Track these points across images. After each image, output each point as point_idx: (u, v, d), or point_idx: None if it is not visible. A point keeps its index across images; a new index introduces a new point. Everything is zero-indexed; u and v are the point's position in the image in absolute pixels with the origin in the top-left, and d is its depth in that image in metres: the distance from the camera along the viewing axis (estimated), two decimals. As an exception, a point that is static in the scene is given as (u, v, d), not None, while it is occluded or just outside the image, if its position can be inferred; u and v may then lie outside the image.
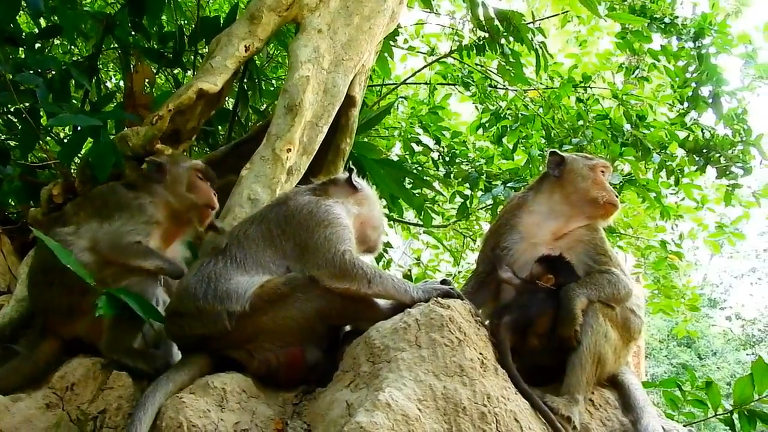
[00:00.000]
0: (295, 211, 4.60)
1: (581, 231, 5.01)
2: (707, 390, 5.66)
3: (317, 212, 4.57)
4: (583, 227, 5.03)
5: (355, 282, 4.28)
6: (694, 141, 9.43)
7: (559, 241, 4.98)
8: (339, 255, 4.33)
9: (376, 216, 5.09)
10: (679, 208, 10.99)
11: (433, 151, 10.91)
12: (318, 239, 4.42)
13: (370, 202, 5.05)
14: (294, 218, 4.57)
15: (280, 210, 4.68)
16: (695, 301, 12.97)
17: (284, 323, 4.29)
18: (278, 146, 5.80)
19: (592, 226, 5.05)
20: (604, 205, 5.06)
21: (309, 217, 4.54)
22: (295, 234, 4.51)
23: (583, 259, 4.85)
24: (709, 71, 9.23)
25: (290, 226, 4.54)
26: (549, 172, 5.26)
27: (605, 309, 4.62)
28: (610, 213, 5.13)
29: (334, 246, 4.38)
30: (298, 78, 6.03)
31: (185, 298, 4.39)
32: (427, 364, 3.86)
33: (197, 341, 4.34)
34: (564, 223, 5.05)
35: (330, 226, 4.49)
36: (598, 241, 4.95)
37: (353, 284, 4.29)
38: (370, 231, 5.01)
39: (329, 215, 4.56)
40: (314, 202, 4.67)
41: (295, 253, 4.47)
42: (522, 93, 10.48)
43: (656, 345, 28.81)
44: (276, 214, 4.65)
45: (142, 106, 6.42)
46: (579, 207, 5.07)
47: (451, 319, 4.01)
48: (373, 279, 4.29)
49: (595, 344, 4.50)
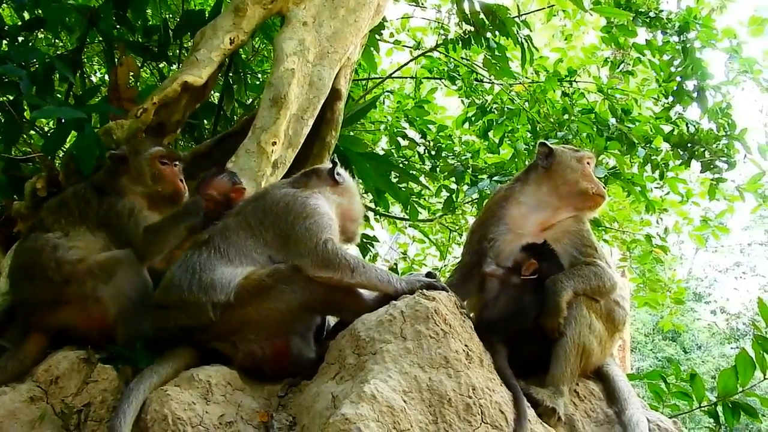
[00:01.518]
0: (273, 205, 4.60)
1: (567, 222, 5.03)
2: (691, 382, 5.70)
3: (294, 205, 4.56)
4: (570, 219, 5.05)
5: (338, 271, 4.29)
6: (678, 135, 9.46)
7: (545, 232, 5.00)
8: (321, 244, 4.34)
9: (356, 209, 5.07)
10: (664, 202, 11.06)
11: (419, 145, 10.91)
12: (299, 230, 4.43)
13: (351, 194, 5.03)
14: (271, 211, 4.57)
15: (258, 204, 4.68)
16: (680, 295, 13.06)
17: (269, 314, 4.29)
18: (263, 139, 5.79)
19: (579, 218, 5.07)
20: (593, 196, 5.09)
21: (286, 209, 4.54)
22: (274, 226, 4.51)
23: (569, 251, 4.87)
24: (694, 65, 9.25)
25: (268, 218, 4.54)
26: (538, 163, 5.27)
27: (589, 301, 4.66)
28: (598, 204, 5.16)
29: (316, 235, 4.38)
30: (283, 71, 6.01)
31: (170, 289, 4.40)
32: (413, 356, 3.87)
33: (182, 333, 4.32)
34: (551, 215, 5.07)
35: (309, 216, 4.49)
36: (584, 234, 4.97)
37: (336, 273, 4.29)
38: (349, 223, 4.99)
39: (307, 207, 4.55)
40: (291, 194, 4.65)
41: (276, 243, 4.48)
42: (508, 87, 10.47)
43: (641, 339, 28.92)
44: (254, 208, 4.65)
45: (127, 100, 6.37)
46: (567, 198, 5.09)
47: (437, 311, 4.02)
48: (356, 269, 4.30)
49: (579, 336, 4.53)
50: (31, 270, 4.64)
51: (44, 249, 4.62)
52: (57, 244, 4.64)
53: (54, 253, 4.60)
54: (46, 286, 4.56)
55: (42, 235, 4.71)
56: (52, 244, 4.64)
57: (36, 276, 4.60)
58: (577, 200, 5.10)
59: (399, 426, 3.56)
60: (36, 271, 4.60)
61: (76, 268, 4.58)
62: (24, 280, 4.70)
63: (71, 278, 4.56)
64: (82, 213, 4.85)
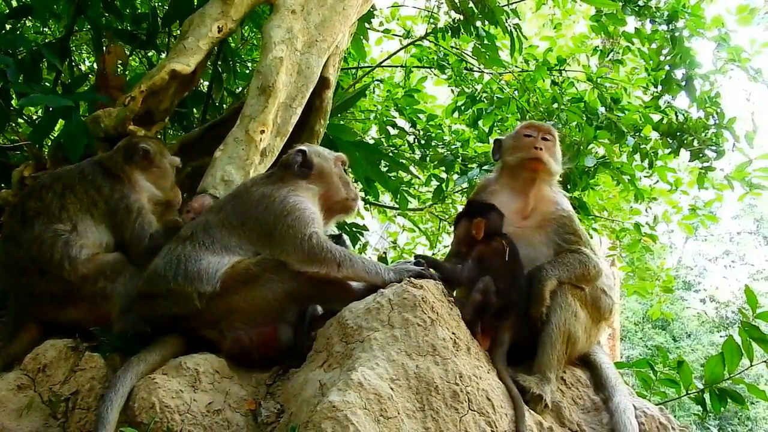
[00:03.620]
0: (252, 207, 4.57)
1: (550, 210, 5.02)
2: (679, 370, 5.71)
3: (273, 205, 4.53)
4: (551, 206, 5.04)
5: (324, 265, 4.32)
6: (667, 124, 9.46)
7: (527, 220, 5.00)
8: (306, 240, 4.35)
9: (334, 187, 4.94)
10: (653, 191, 11.06)
11: (408, 134, 10.92)
12: (281, 229, 4.42)
13: (325, 175, 4.92)
14: (251, 214, 4.54)
15: (237, 204, 4.65)
16: (669, 283, 13.08)
17: (256, 303, 4.32)
18: (252, 127, 5.78)
19: (562, 207, 5.06)
20: (528, 161, 5.07)
21: (266, 211, 4.51)
22: (256, 228, 4.50)
23: (552, 239, 4.88)
24: (683, 54, 9.25)
25: (249, 221, 4.52)
26: (495, 158, 5.35)
27: (574, 289, 4.69)
28: (536, 168, 5.08)
29: (300, 231, 4.38)
30: (271, 59, 6.00)
31: (155, 280, 4.40)
32: (400, 344, 3.88)
33: (169, 322, 4.34)
34: (524, 201, 5.06)
35: (290, 214, 4.46)
36: (567, 221, 4.96)
37: (322, 268, 4.32)
38: (334, 202, 4.94)
39: (286, 205, 4.51)
40: (268, 194, 4.60)
41: (261, 242, 4.47)
42: (497, 76, 10.48)
43: (631, 327, 29.01)
44: (234, 208, 4.62)
45: (115, 88, 6.36)
46: (518, 172, 5.12)
47: (424, 299, 4.03)
48: (343, 262, 4.33)
49: (564, 323, 4.56)
50: (41, 264, 4.63)
51: (55, 244, 4.64)
52: (68, 240, 4.66)
53: (66, 250, 4.63)
54: (60, 283, 4.60)
55: (51, 226, 4.70)
56: (64, 240, 4.65)
57: (47, 272, 4.61)
58: (521, 170, 5.11)
59: (386, 413, 3.57)
60: (48, 268, 4.61)
61: (89, 268, 4.64)
62: (32, 273, 4.66)
63: (85, 278, 4.62)
64: (91, 200, 4.86)
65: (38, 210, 4.78)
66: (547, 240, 4.87)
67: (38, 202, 4.81)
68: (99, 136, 5.59)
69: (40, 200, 4.82)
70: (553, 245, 4.85)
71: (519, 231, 4.89)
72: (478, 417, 3.76)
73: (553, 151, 5.18)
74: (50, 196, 4.83)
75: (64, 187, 4.88)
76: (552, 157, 5.14)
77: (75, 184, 4.90)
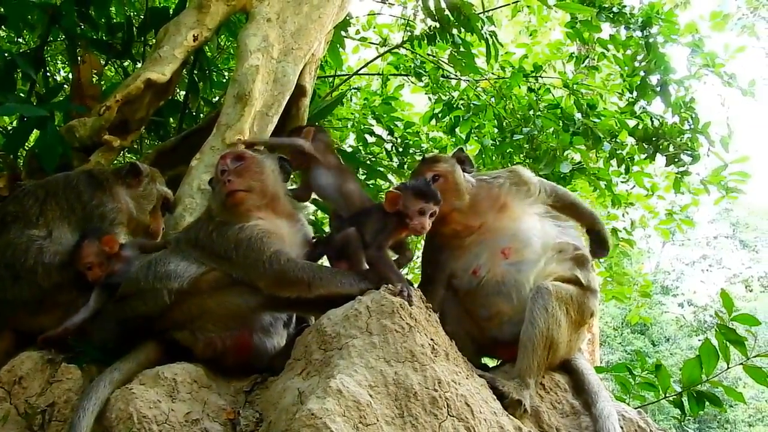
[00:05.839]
0: (204, 246, 4.45)
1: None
2: (657, 373, 5.75)
3: (219, 239, 4.41)
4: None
5: (294, 288, 4.24)
6: (643, 129, 9.52)
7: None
8: (268, 265, 4.24)
9: (270, 184, 4.70)
10: (630, 196, 11.12)
11: (386, 142, 10.91)
12: (239, 260, 4.32)
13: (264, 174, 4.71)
14: (204, 251, 4.44)
15: (199, 227, 4.57)
16: (647, 288, 13.16)
17: (228, 308, 4.32)
18: (228, 136, 5.76)
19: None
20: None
21: (216, 246, 4.40)
22: (217, 263, 4.39)
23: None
24: (657, 60, 9.31)
25: (208, 258, 4.41)
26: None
27: (560, 291, 4.66)
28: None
29: (260, 257, 4.26)
30: (247, 67, 5.99)
31: (128, 281, 4.43)
32: (378, 351, 3.86)
33: (141, 322, 4.33)
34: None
35: (240, 245, 4.33)
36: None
37: (293, 291, 4.25)
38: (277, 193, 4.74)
39: (234, 240, 4.36)
40: (211, 230, 4.48)
41: (225, 267, 4.37)
42: (474, 83, 10.52)
43: (610, 332, 29.17)
44: (196, 230, 4.56)
45: (90, 97, 6.35)
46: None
47: (402, 306, 4.00)
48: (313, 281, 4.22)
49: (548, 329, 4.52)
50: (14, 270, 4.60)
51: (29, 250, 4.62)
52: (42, 246, 4.65)
53: (40, 257, 4.61)
54: (33, 289, 4.58)
55: (26, 232, 4.68)
56: (38, 246, 4.63)
57: (21, 278, 4.58)
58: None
59: (365, 420, 3.55)
60: (22, 273, 4.58)
61: (63, 276, 4.61)
62: (5, 279, 4.64)
63: (59, 285, 4.60)
64: (70, 206, 4.86)
65: (16, 215, 4.78)
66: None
67: (17, 207, 4.81)
68: (74, 145, 5.57)
69: (20, 205, 4.82)
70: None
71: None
72: (457, 423, 3.75)
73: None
74: (31, 202, 4.82)
75: (47, 194, 4.88)
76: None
77: (59, 191, 4.90)
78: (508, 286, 4.74)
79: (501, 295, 4.74)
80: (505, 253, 4.80)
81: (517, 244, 4.82)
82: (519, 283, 4.72)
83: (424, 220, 4.35)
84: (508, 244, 4.81)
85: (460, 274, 4.90)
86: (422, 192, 4.38)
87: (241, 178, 4.51)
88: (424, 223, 4.36)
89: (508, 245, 4.81)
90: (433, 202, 4.38)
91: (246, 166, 4.60)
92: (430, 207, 4.37)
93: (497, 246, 4.82)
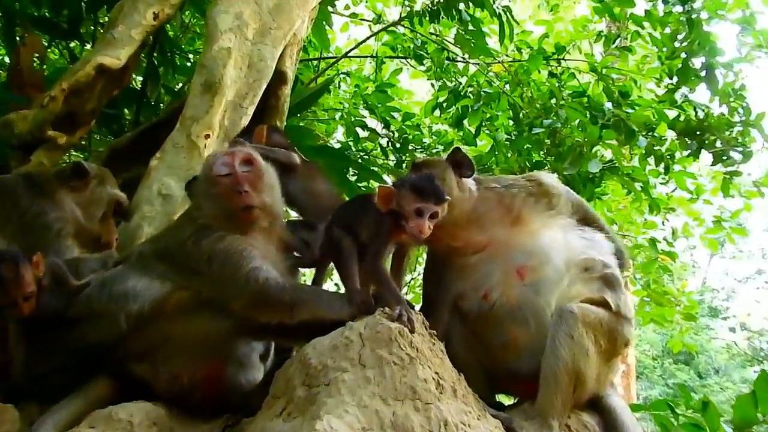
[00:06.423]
0: (176, 254, 4.43)
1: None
2: (704, 412, 5.73)
3: (197, 253, 4.36)
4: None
5: (275, 311, 4.20)
6: (685, 121, 9.53)
7: None
8: (245, 282, 4.19)
9: (277, 203, 4.70)
10: (671, 200, 11.14)
11: (381, 137, 10.94)
12: (213, 274, 4.29)
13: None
14: (176, 261, 4.41)
15: (170, 236, 4.56)
16: (692, 310, 13.12)
17: (197, 335, 4.29)
18: (195, 131, 5.79)
19: None
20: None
21: (191, 252, 4.37)
22: (187, 275, 4.36)
23: None
24: (701, 40, 9.32)
25: (174, 266, 4.39)
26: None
27: (587, 315, 4.62)
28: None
29: (237, 272, 4.22)
30: (217, 50, 6.02)
31: (79, 303, 4.39)
32: (373, 387, 3.86)
33: (92, 353, 4.31)
34: None
35: (215, 256, 4.30)
36: None
37: (274, 315, 4.21)
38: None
39: (209, 250, 4.33)
40: (186, 238, 4.43)
41: (196, 281, 4.35)
42: (485, 67, 10.54)
43: (649, 363, 29.16)
44: (166, 240, 4.54)
45: (31, 86, 6.37)
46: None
47: (401, 333, 4.00)
48: (296, 304, 4.19)
49: (573, 360, 4.49)
50: None
51: None
52: None
53: None
54: None
55: None
56: None
57: None
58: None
59: (357, 470, 3.58)
60: None
61: None
62: None
63: None
64: (6, 215, 4.85)
65: None
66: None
67: None
68: (11, 143, 5.58)
69: None
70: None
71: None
72: (467, 472, 3.78)
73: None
74: None
75: None
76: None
77: None
78: (525, 311, 4.71)
79: (517, 321, 4.72)
80: (520, 272, 4.77)
81: (535, 261, 4.79)
82: (538, 308, 4.70)
83: (422, 222, 4.27)
84: (524, 262, 4.79)
85: (468, 296, 4.88)
86: (419, 188, 4.32)
87: (256, 192, 4.47)
88: (422, 226, 4.27)
89: (523, 263, 4.79)
90: (434, 201, 4.29)
91: (257, 175, 4.54)
92: (429, 207, 4.28)
93: (511, 264, 4.80)
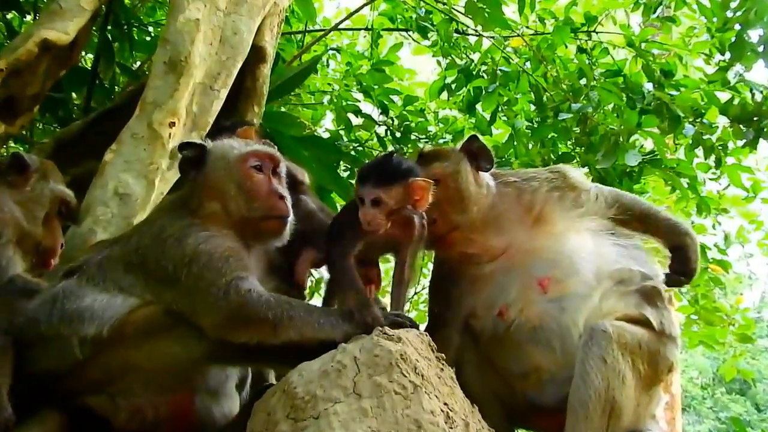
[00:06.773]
0: (150, 243, 4.44)
1: None
2: (763, 451, 5.79)
3: (170, 247, 4.37)
4: None
5: (255, 329, 4.17)
6: (740, 106, 9.52)
7: None
8: (223, 293, 4.16)
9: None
10: (723, 200, 11.14)
11: (378, 124, 10.94)
12: (188, 281, 4.26)
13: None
14: (147, 266, 4.40)
15: (140, 235, 4.56)
16: (748, 330, 13.12)
17: (163, 361, 4.28)
18: (157, 119, 5.79)
19: None
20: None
21: (164, 254, 4.37)
22: (157, 271, 4.37)
23: None
24: (759, 8, 9.33)
25: (148, 262, 4.40)
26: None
27: (623, 336, 4.63)
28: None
29: (216, 280, 4.19)
30: (183, 22, 6.02)
31: (25, 325, 4.39)
32: (371, 420, 3.86)
33: (40, 383, 4.31)
34: None
35: (197, 259, 4.28)
36: None
37: (253, 333, 4.18)
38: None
39: (186, 247, 4.33)
40: (165, 227, 4.47)
41: (167, 292, 4.33)
42: (501, 41, 10.54)
43: (697, 393, 29.22)
44: (137, 239, 4.53)
45: (-38, 65, 6.39)
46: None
47: (403, 357, 4.01)
48: (281, 321, 4.14)
49: (607, 388, 4.50)
50: None
51: None
52: None
53: None
54: None
55: None
56: None
57: None
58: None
59: None
60: None
61: None
62: None
63: None
64: None
65: None
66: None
67: None
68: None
69: None
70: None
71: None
72: None
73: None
74: None
75: None
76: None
77: None
78: (548, 331, 4.74)
79: (539, 344, 4.75)
80: (542, 285, 4.80)
81: (560, 272, 4.83)
82: (564, 327, 4.73)
83: (365, 211, 4.33)
84: (547, 273, 4.82)
85: (480, 314, 4.92)
86: (361, 171, 4.43)
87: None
88: (366, 215, 4.32)
89: (546, 274, 4.82)
90: (370, 184, 4.33)
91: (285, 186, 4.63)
92: (365, 192, 4.34)
93: (531, 275, 4.83)
